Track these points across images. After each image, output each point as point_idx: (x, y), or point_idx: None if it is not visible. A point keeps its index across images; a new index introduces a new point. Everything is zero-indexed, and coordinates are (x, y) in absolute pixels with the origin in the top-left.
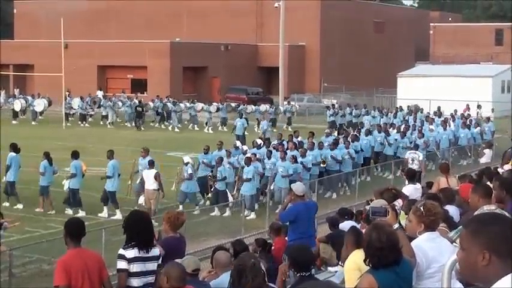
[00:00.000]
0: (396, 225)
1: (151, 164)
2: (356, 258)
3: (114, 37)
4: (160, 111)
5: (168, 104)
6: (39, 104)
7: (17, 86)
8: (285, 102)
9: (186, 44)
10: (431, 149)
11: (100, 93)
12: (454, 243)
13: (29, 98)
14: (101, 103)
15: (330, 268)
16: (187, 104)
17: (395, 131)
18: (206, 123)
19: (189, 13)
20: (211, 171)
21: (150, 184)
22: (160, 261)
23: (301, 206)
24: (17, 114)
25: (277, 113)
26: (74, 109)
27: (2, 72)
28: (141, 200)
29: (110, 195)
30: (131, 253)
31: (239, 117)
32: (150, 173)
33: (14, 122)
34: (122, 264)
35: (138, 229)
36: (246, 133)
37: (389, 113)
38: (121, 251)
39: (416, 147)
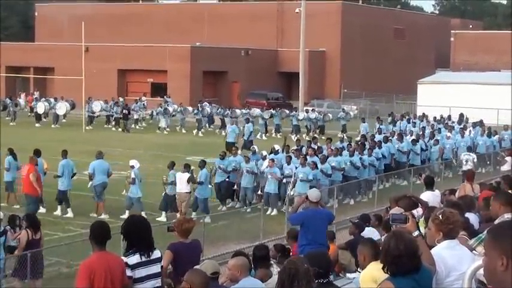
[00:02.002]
0: (416, 233)
1: (185, 167)
2: (373, 270)
3: (135, 41)
4: (221, 118)
5: (228, 110)
6: (61, 107)
7: (37, 89)
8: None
9: (207, 49)
10: (447, 157)
11: (144, 99)
12: (474, 251)
13: (52, 100)
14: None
15: (348, 274)
16: (243, 111)
17: (412, 137)
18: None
19: (210, 17)
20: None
21: (183, 187)
22: (163, 263)
23: (311, 212)
24: (40, 117)
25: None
26: (95, 112)
27: (22, 75)
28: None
29: (60, 194)
30: (133, 259)
31: (246, 123)
32: (183, 176)
33: (37, 125)
34: (127, 272)
35: (137, 234)
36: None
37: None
38: (123, 259)
39: (469, 149)
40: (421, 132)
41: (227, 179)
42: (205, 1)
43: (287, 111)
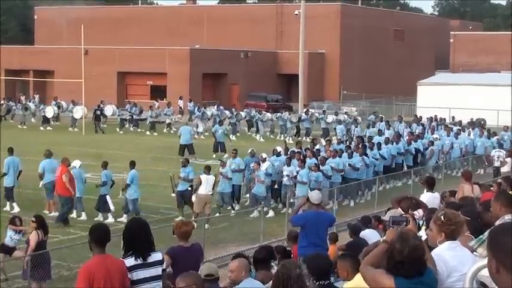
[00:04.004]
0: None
1: (208, 169)
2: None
3: (134, 43)
4: (256, 121)
5: (256, 113)
6: (78, 111)
7: (37, 92)
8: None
9: (206, 51)
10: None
11: (181, 103)
12: (475, 252)
13: (63, 104)
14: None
15: None
16: (276, 114)
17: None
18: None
19: (209, 20)
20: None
21: (208, 189)
22: (164, 267)
23: (311, 214)
24: (49, 121)
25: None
26: (106, 116)
27: (22, 78)
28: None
29: (5, 191)
30: (130, 262)
31: (218, 125)
32: (209, 179)
33: (41, 128)
34: None
35: (132, 237)
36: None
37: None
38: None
39: (501, 145)
40: (417, 133)
41: (189, 188)
42: (204, 3)
43: (317, 115)
